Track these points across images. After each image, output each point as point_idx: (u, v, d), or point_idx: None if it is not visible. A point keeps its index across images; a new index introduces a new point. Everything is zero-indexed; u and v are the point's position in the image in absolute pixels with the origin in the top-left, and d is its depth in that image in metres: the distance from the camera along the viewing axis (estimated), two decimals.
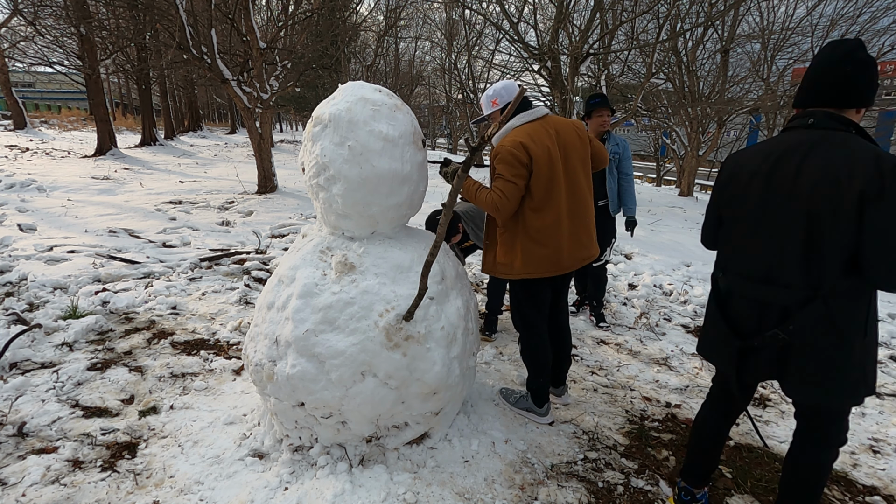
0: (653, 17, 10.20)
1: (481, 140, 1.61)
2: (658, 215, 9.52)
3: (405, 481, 1.95)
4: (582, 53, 9.42)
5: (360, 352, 1.88)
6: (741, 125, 18.82)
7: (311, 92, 17.22)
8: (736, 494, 2.03)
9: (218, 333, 3.34)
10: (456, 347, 2.06)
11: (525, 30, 11.59)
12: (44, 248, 4.76)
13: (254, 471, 2.02)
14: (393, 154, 1.93)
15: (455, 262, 2.33)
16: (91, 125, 17.36)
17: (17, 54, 14.59)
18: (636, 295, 4.55)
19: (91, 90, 12.24)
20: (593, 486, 2.05)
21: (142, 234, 5.76)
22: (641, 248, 6.22)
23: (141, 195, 8.07)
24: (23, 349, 2.87)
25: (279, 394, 1.96)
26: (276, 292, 2.04)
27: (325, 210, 2.03)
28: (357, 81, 2.06)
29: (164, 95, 20.30)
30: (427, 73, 23.47)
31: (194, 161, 13.67)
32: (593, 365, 3.17)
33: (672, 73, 12.37)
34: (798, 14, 11.97)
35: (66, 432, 2.23)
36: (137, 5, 8.50)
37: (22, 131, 15.80)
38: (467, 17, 14.70)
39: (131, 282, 4.15)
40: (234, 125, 30.39)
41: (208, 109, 42.21)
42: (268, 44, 8.56)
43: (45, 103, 38.51)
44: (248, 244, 5.65)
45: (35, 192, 7.57)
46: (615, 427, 2.48)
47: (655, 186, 16.92)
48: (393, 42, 19.88)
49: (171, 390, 2.63)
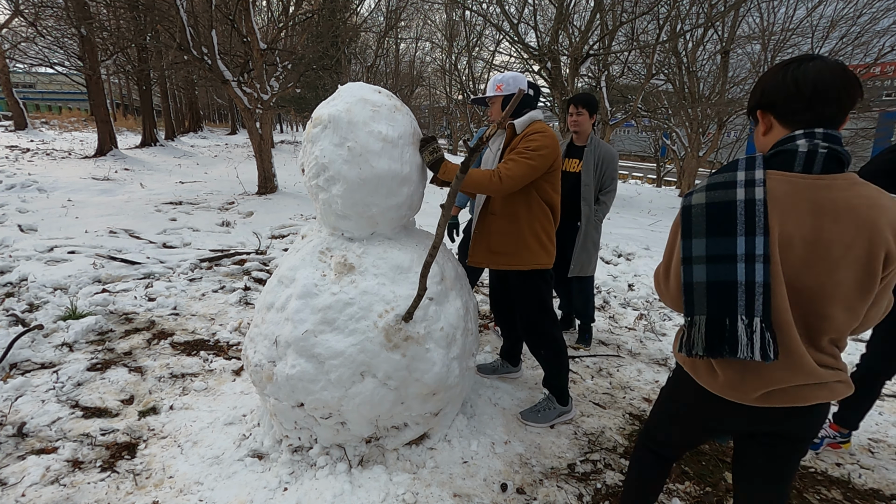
0: (653, 18, 10.21)
1: (480, 142, 1.61)
2: (658, 216, 9.52)
3: (404, 482, 1.95)
4: (582, 54, 9.44)
5: (360, 352, 1.88)
6: (741, 126, 18.84)
7: (312, 93, 17.24)
8: None
9: (218, 334, 3.34)
10: (455, 348, 2.06)
11: (525, 31, 11.62)
12: (44, 249, 4.76)
13: (253, 471, 2.02)
14: (392, 155, 1.93)
15: (455, 263, 2.33)
16: (91, 126, 17.40)
17: (18, 55, 14.63)
18: (636, 295, 4.54)
19: (92, 91, 12.25)
20: (593, 487, 2.05)
21: (142, 234, 5.76)
22: (641, 249, 6.23)
23: (141, 196, 8.07)
24: (23, 349, 2.87)
25: (279, 394, 1.96)
26: (276, 293, 2.04)
27: (325, 211, 2.04)
28: (357, 82, 2.07)
29: (164, 96, 20.33)
30: (427, 73, 23.51)
31: (195, 162, 13.69)
32: (593, 366, 3.17)
33: (672, 74, 12.38)
34: (798, 15, 11.98)
35: (65, 433, 2.23)
36: (138, 6, 8.51)
37: (23, 132, 15.82)
38: (467, 18, 14.73)
39: (131, 282, 4.16)
40: (235, 126, 30.44)
41: (209, 110, 42.26)
42: (268, 45, 8.58)
43: (45, 104, 38.55)
44: (248, 245, 5.65)
45: (35, 192, 7.58)
46: (615, 428, 2.48)
47: (656, 187, 16.91)
48: (393, 43, 19.90)
49: (171, 391, 2.63)
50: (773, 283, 1.07)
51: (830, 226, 1.04)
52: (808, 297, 1.08)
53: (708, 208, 1.12)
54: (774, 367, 1.11)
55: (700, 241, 1.12)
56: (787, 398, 1.14)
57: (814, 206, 1.05)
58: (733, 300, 1.07)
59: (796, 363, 1.10)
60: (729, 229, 1.08)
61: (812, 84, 1.05)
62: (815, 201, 1.05)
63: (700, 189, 1.15)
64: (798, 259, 1.07)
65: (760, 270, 1.06)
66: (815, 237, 1.05)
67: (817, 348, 1.12)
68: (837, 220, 1.04)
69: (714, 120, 12.94)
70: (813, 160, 1.06)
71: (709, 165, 21.08)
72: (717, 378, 1.20)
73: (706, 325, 1.10)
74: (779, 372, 1.11)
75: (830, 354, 1.13)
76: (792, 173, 1.08)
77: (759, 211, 1.06)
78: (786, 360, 1.10)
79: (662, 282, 1.27)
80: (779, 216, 1.07)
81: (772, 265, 1.07)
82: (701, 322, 1.11)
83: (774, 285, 1.07)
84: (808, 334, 1.11)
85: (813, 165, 1.07)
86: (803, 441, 1.26)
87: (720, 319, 1.09)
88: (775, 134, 1.14)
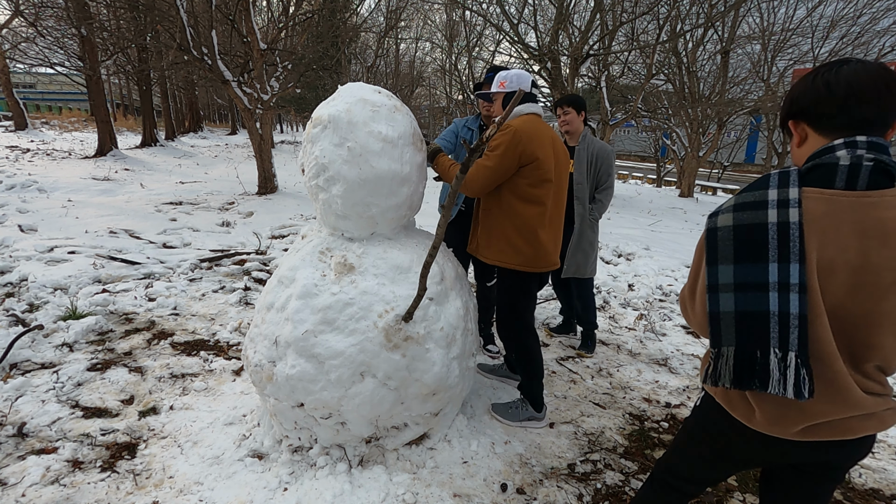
0: (653, 18, 10.22)
1: (480, 142, 1.61)
2: (658, 216, 9.53)
3: (404, 482, 1.96)
4: (582, 54, 9.44)
5: (360, 352, 1.88)
6: (741, 126, 18.85)
7: (312, 93, 17.25)
8: (738, 493, 2.03)
9: (218, 334, 3.34)
10: (455, 348, 2.06)
11: (525, 31, 11.62)
12: (44, 249, 4.76)
13: (253, 471, 2.02)
14: (392, 155, 1.93)
15: (454, 263, 2.33)
16: (92, 126, 17.41)
17: (19, 55, 14.65)
18: (636, 296, 4.54)
19: (92, 91, 12.27)
20: (593, 487, 2.05)
21: (142, 234, 5.76)
22: (641, 249, 6.23)
23: (141, 196, 8.08)
24: (23, 350, 2.87)
25: (278, 394, 1.96)
26: (276, 293, 2.04)
27: (325, 211, 2.04)
28: (357, 82, 2.07)
29: (164, 96, 20.35)
30: (427, 74, 23.50)
31: (195, 162, 13.70)
32: (593, 366, 3.17)
33: (672, 74, 12.38)
34: (798, 15, 11.99)
35: (65, 433, 2.23)
36: (138, 6, 8.52)
37: (23, 132, 15.84)
38: (467, 19, 14.74)
39: (131, 282, 4.16)
40: (235, 126, 30.45)
41: (209, 110, 42.28)
42: (268, 45, 8.58)
43: (46, 104, 38.59)
44: (248, 245, 5.65)
45: (36, 192, 7.58)
46: (615, 428, 2.48)
47: (656, 187, 16.91)
48: (393, 43, 19.90)
49: (171, 391, 2.63)
50: (813, 313, 0.96)
51: (879, 249, 0.92)
52: (852, 326, 0.97)
53: (736, 231, 0.99)
54: (818, 399, 1.00)
55: (727, 267, 1.00)
56: (832, 431, 1.03)
57: (859, 228, 0.93)
58: (765, 331, 0.96)
59: (842, 395, 0.99)
60: (759, 255, 0.97)
61: (845, 83, 0.93)
62: (860, 222, 0.93)
63: (727, 209, 1.02)
64: (841, 286, 0.95)
65: (796, 301, 0.94)
66: (860, 262, 0.93)
67: (863, 374, 1.01)
68: (886, 242, 0.91)
69: (714, 120, 12.94)
70: (857, 174, 0.93)
71: (709, 165, 21.11)
72: (754, 412, 1.07)
73: (735, 357, 1.00)
74: (823, 405, 1.00)
75: (877, 381, 1.02)
76: (832, 190, 0.95)
77: (793, 236, 0.94)
78: (830, 393, 0.99)
79: (689, 305, 1.15)
80: (818, 240, 0.94)
81: (810, 294, 0.95)
82: (729, 353, 1.01)
83: (813, 316, 0.96)
84: (853, 361, 1.00)
85: (857, 180, 0.93)
86: (845, 469, 1.15)
87: (750, 351, 0.98)
88: (811, 144, 1.01)
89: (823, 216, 0.94)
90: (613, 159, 3.15)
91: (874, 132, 0.95)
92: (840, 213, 0.94)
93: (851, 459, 1.11)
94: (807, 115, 1.00)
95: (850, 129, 0.95)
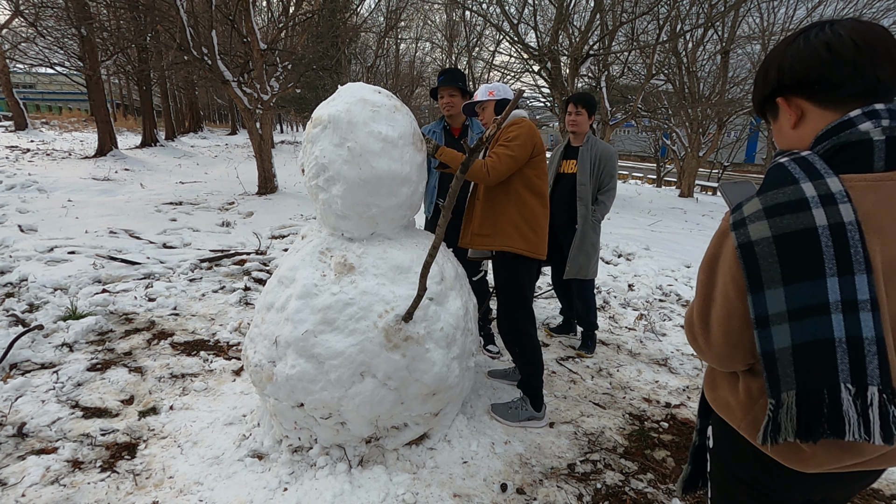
0: (653, 18, 10.22)
1: (479, 142, 1.62)
2: (658, 216, 9.53)
3: (404, 482, 1.96)
4: (582, 54, 9.44)
5: (360, 352, 1.88)
6: (741, 126, 18.85)
7: (312, 93, 17.25)
8: None
9: (218, 334, 3.34)
10: (455, 348, 2.06)
11: (525, 31, 11.62)
12: (44, 249, 4.76)
13: (253, 471, 2.02)
14: (392, 155, 1.94)
15: (454, 263, 2.33)
16: (92, 126, 17.41)
17: (19, 55, 14.66)
18: (636, 296, 4.54)
19: (92, 91, 12.27)
20: (592, 487, 2.05)
21: (142, 234, 5.76)
22: (641, 249, 6.23)
23: (141, 196, 8.08)
24: (23, 350, 2.87)
25: (278, 394, 1.96)
26: (276, 293, 2.05)
27: (325, 211, 2.04)
28: (357, 83, 2.07)
29: (164, 96, 20.36)
30: (428, 74, 23.49)
31: (195, 162, 13.70)
32: (593, 366, 3.17)
33: (672, 74, 12.39)
34: (798, 15, 12.00)
35: (65, 433, 2.23)
36: (138, 6, 8.52)
37: (23, 132, 15.84)
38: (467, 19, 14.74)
39: (131, 282, 4.16)
40: (235, 126, 30.45)
41: (209, 110, 42.29)
42: (268, 45, 8.58)
43: (45, 104, 38.60)
44: (248, 245, 5.66)
45: (36, 192, 7.59)
46: (615, 428, 2.48)
47: (656, 187, 16.92)
48: (393, 43, 19.90)
49: (171, 391, 2.63)
50: (888, 333, 0.76)
51: None
52: None
53: (778, 243, 0.78)
54: None
55: (776, 291, 0.78)
56: (881, 462, 0.88)
57: None
58: (832, 364, 0.76)
59: None
60: (813, 269, 0.76)
61: (851, 42, 0.77)
62: None
63: (758, 215, 0.80)
64: None
65: (869, 321, 0.74)
66: None
67: None
68: None
69: (714, 120, 12.95)
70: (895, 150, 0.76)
71: (709, 165, 21.11)
72: (799, 452, 0.87)
73: (797, 403, 0.79)
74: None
75: None
76: (875, 174, 0.77)
77: (852, 238, 0.74)
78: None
79: (699, 332, 0.94)
80: (877, 239, 0.76)
81: (882, 311, 0.76)
82: (791, 400, 0.79)
83: (890, 337, 0.77)
84: None
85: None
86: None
87: (816, 390, 0.77)
88: (813, 122, 0.84)
89: (875, 208, 0.76)
90: (616, 161, 3.16)
91: (887, 99, 0.79)
92: (892, 200, 0.76)
93: (851, 497, 1.03)
94: (804, 87, 0.83)
95: (864, 96, 0.79)
